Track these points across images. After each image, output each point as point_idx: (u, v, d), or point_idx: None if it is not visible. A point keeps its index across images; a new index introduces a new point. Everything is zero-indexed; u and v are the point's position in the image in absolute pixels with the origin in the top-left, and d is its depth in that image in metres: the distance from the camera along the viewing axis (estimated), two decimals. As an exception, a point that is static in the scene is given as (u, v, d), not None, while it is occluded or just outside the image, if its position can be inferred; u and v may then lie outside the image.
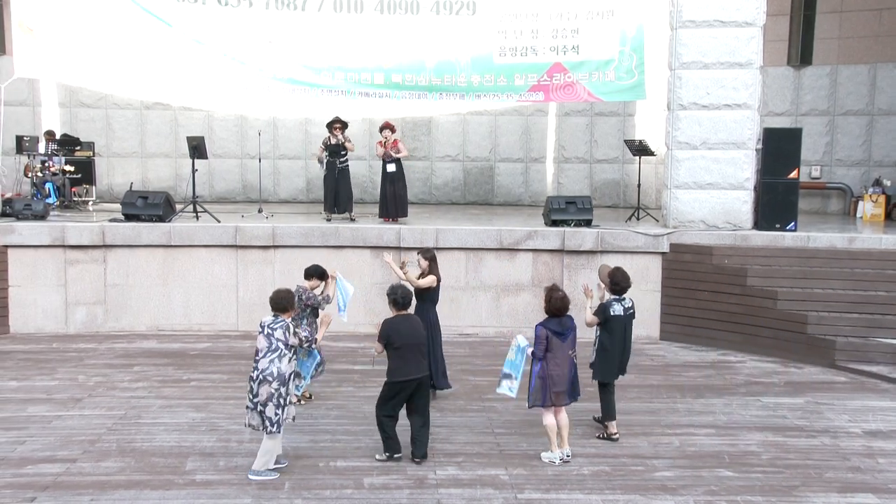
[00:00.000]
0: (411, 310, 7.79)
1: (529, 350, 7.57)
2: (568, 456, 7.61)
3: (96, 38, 13.19)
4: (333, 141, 13.65)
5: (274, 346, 7.07)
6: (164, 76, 13.56)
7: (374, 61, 13.71)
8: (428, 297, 9.15)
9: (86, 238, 12.28)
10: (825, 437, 8.32)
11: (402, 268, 9.24)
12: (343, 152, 13.66)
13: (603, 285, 8.38)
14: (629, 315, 8.18)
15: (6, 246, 12.22)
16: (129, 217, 12.77)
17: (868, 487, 7.12)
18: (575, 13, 13.46)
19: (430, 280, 9.09)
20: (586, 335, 8.45)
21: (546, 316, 7.59)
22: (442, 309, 12.29)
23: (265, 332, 7.13)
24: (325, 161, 13.72)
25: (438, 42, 13.68)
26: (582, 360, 7.88)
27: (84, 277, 12.33)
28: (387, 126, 13.56)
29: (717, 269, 11.99)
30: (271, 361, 7.05)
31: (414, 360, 7.41)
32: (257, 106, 17.01)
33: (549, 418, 7.55)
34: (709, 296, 12.02)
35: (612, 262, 12.28)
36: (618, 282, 8.12)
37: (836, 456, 7.83)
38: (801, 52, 16.73)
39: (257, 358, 7.11)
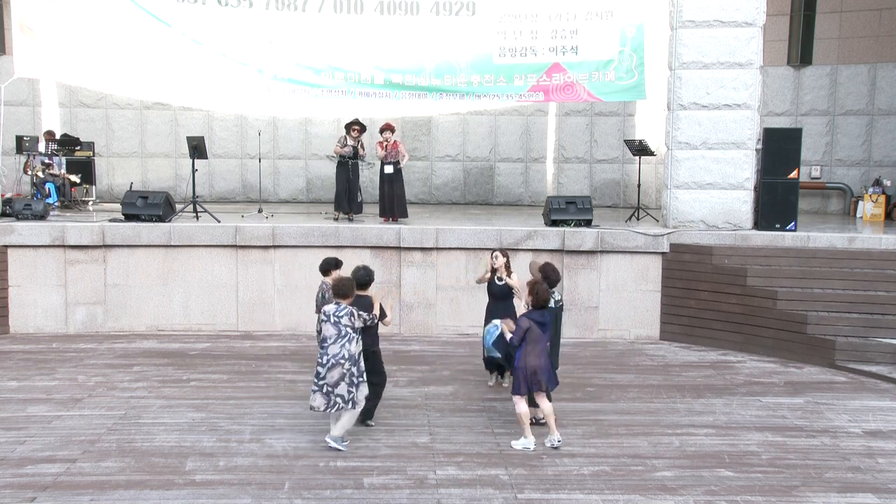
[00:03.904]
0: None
1: (498, 331, 8.02)
2: (559, 441, 7.78)
3: (96, 39, 13.19)
4: (350, 142, 13.67)
5: (343, 332, 7.58)
6: (164, 76, 13.56)
7: (373, 62, 13.71)
8: (510, 294, 9.39)
9: (86, 238, 12.28)
10: (825, 437, 8.32)
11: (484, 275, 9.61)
12: (356, 154, 13.71)
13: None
14: (559, 308, 8.48)
15: (6, 246, 12.22)
16: (128, 217, 12.77)
17: (868, 487, 7.11)
18: (574, 14, 13.46)
19: (517, 278, 9.34)
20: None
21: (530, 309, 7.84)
22: (442, 309, 12.43)
23: (332, 321, 7.61)
24: (366, 162, 13.81)
25: (438, 43, 13.68)
26: None
27: (84, 277, 12.34)
28: (387, 127, 13.58)
29: (717, 269, 12.00)
30: (342, 346, 7.56)
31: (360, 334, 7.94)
32: (257, 106, 17.02)
33: (522, 406, 7.74)
34: (709, 296, 12.03)
35: (613, 262, 12.39)
36: (548, 275, 8.38)
37: (836, 456, 7.83)
38: (801, 52, 16.75)
39: (325, 345, 7.60)
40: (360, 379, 7.70)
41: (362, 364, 7.75)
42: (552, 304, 8.30)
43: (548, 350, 7.84)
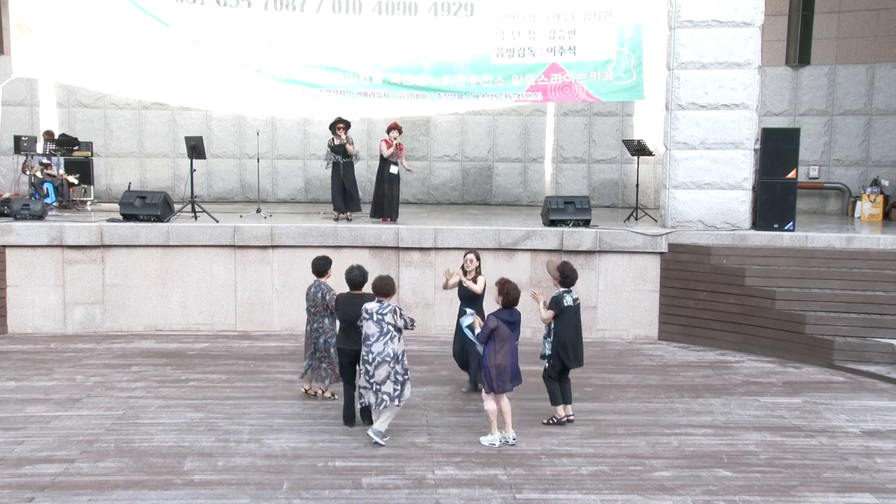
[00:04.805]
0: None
1: (470, 322, 8.23)
2: (514, 440, 7.90)
3: (94, 39, 13.19)
4: (337, 142, 13.66)
5: (385, 330, 7.70)
6: (163, 76, 13.55)
7: (372, 62, 13.70)
8: (481, 297, 9.30)
9: (84, 238, 12.27)
10: (823, 437, 8.32)
11: (448, 279, 9.48)
12: (346, 153, 13.68)
13: (552, 279, 8.60)
14: (577, 305, 8.49)
15: (4, 246, 12.22)
16: (127, 217, 12.77)
17: (866, 487, 7.12)
18: (572, 14, 13.46)
19: (483, 284, 9.26)
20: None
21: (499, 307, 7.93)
22: (441, 309, 12.43)
23: (374, 319, 7.70)
24: (330, 161, 13.69)
25: (436, 43, 13.67)
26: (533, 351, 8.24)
27: (82, 277, 12.33)
28: (395, 127, 13.57)
29: (715, 269, 12.00)
30: (385, 344, 7.68)
31: (354, 334, 8.07)
32: (255, 106, 17.00)
33: (490, 404, 7.87)
34: (707, 296, 12.03)
35: (612, 262, 12.39)
36: (567, 274, 8.43)
37: (834, 456, 7.84)
38: (800, 52, 16.75)
39: (369, 343, 7.72)
40: (406, 377, 7.84)
41: (406, 362, 7.86)
42: (571, 301, 8.36)
43: (516, 349, 7.89)
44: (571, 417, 8.57)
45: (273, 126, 17.92)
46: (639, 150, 14.82)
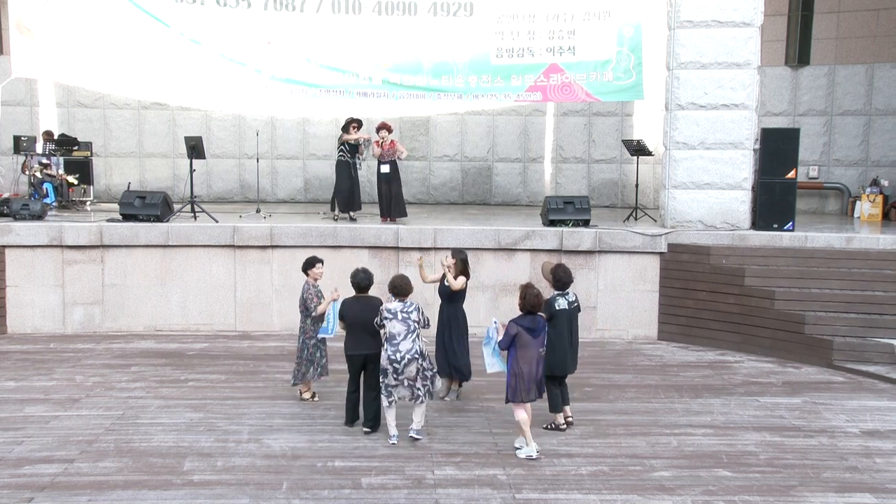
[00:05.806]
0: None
1: (495, 340, 7.94)
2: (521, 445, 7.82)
3: (94, 38, 13.18)
4: (353, 140, 13.70)
5: (412, 328, 7.83)
6: (162, 76, 13.54)
7: (371, 62, 13.71)
8: (459, 297, 9.31)
9: (83, 238, 12.27)
10: (823, 437, 8.33)
11: (421, 267, 9.64)
12: (358, 153, 13.73)
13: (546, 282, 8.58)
14: (574, 308, 8.42)
15: (4, 246, 12.22)
16: (126, 217, 12.77)
17: (866, 487, 7.13)
18: (571, 14, 13.46)
19: (462, 282, 9.25)
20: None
21: (520, 313, 7.79)
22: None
23: (400, 318, 7.81)
24: (364, 151, 13.77)
25: (436, 43, 13.67)
26: None
27: (82, 277, 12.33)
28: (383, 126, 13.60)
29: (714, 269, 12.01)
30: (413, 342, 7.81)
31: (361, 338, 8.14)
32: (255, 106, 16.99)
33: (521, 413, 7.69)
34: (706, 296, 12.03)
35: (611, 262, 12.38)
36: (559, 278, 8.40)
37: (834, 456, 7.84)
38: (799, 52, 16.75)
39: (395, 342, 7.78)
40: (433, 371, 8.04)
41: (432, 358, 8.00)
42: (566, 304, 8.30)
43: (540, 358, 7.70)
44: (570, 419, 8.54)
45: (273, 126, 17.91)
46: (638, 150, 14.83)
